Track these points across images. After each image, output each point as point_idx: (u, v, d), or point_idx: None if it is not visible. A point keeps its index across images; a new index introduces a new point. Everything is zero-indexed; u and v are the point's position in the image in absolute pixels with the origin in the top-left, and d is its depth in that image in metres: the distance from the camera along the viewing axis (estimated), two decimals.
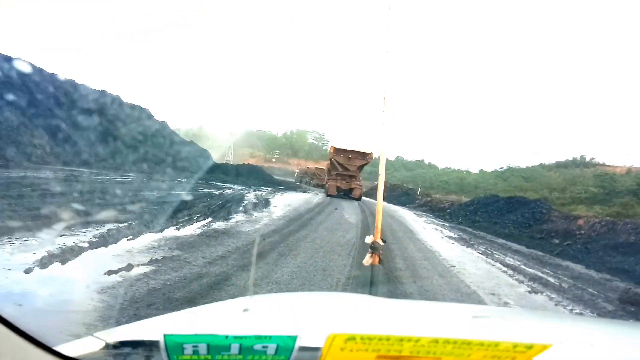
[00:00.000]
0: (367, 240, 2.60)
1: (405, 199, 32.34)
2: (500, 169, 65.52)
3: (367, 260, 2.57)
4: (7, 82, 18.39)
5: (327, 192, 22.36)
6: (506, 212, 16.78)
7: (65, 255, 4.49)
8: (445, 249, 8.54)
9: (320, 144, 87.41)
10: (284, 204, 13.80)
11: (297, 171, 51.57)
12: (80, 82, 24.94)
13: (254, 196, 14.71)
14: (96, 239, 5.46)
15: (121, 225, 6.53)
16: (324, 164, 32.99)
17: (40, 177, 10.97)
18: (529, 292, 5.26)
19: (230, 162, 52.09)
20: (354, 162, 22.40)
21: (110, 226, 6.41)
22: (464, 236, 11.69)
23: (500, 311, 2.55)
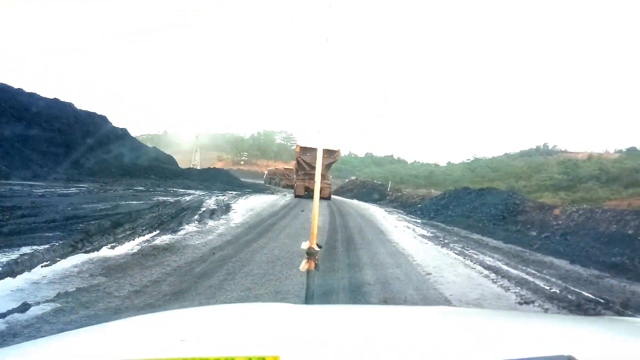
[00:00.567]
0: (303, 246, 2.58)
1: (375, 195, 31.93)
2: (467, 160, 66.84)
3: (303, 266, 2.56)
4: None
5: (295, 193, 21.80)
6: (479, 205, 16.36)
7: None
8: (419, 250, 7.87)
9: (288, 144, 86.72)
10: (246, 208, 12.86)
11: (266, 172, 50.63)
12: (29, 90, 24.09)
13: (214, 202, 13.68)
14: (1, 268, 4.45)
15: (41, 247, 5.50)
16: (292, 164, 32.17)
17: None
18: (520, 303, 4.57)
19: (197, 167, 50.48)
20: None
21: (25, 249, 5.39)
22: (437, 234, 11.11)
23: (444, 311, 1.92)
